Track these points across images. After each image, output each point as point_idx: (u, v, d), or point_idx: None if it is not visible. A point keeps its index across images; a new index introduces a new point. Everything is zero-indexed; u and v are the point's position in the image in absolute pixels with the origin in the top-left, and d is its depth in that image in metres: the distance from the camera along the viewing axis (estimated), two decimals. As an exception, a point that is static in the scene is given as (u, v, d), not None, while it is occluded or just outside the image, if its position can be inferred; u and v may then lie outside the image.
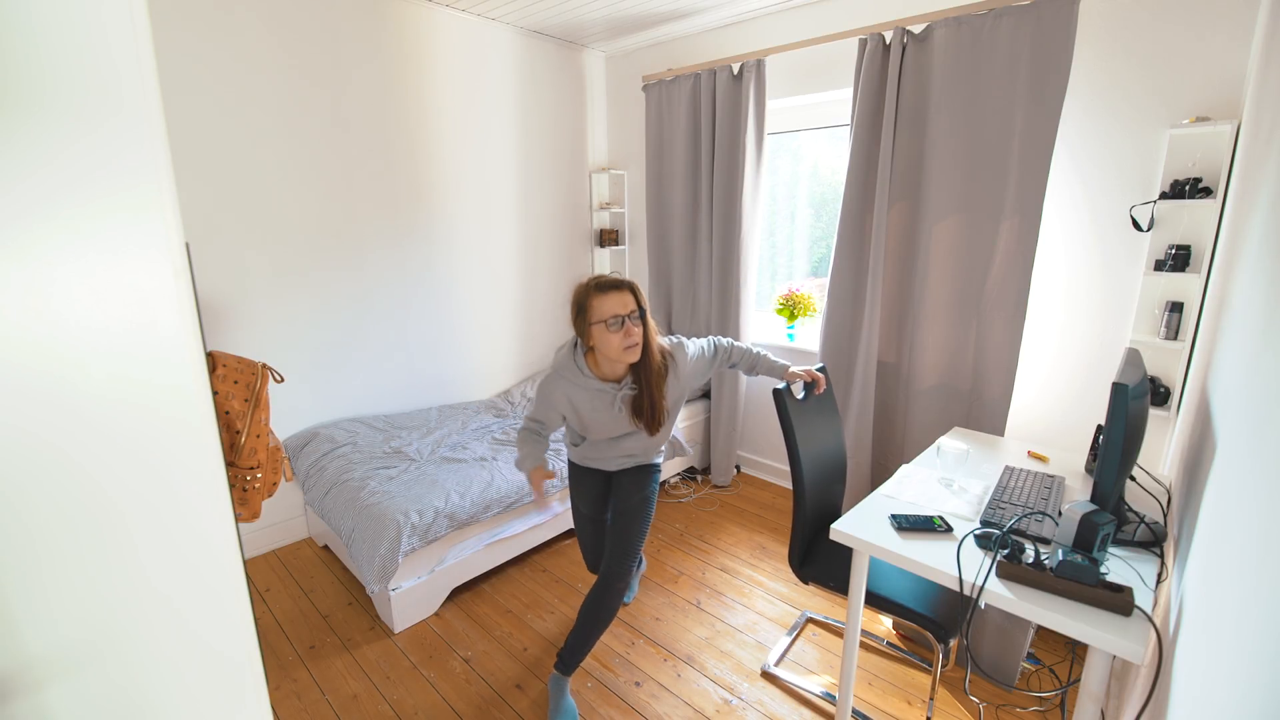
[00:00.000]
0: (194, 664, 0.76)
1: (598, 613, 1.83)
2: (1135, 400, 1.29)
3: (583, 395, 1.70)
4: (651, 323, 1.66)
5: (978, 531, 1.43)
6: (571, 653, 1.84)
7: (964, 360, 2.56)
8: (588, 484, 1.97)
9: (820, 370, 2.05)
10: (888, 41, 2.52)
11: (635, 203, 3.95)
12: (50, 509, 0.62)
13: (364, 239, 2.96)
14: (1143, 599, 1.18)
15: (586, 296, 1.60)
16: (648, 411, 1.69)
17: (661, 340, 1.74)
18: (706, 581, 2.57)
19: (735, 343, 1.92)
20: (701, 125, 3.22)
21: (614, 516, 1.92)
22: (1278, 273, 0.87)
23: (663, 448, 1.97)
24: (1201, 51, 1.99)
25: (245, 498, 1.35)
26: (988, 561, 1.31)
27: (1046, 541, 1.40)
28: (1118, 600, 1.14)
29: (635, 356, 1.61)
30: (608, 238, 4.01)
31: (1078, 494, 1.68)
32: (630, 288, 1.61)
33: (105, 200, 0.62)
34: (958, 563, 1.32)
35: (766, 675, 2.05)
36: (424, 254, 3.21)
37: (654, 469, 1.95)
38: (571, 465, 2.00)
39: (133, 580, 0.69)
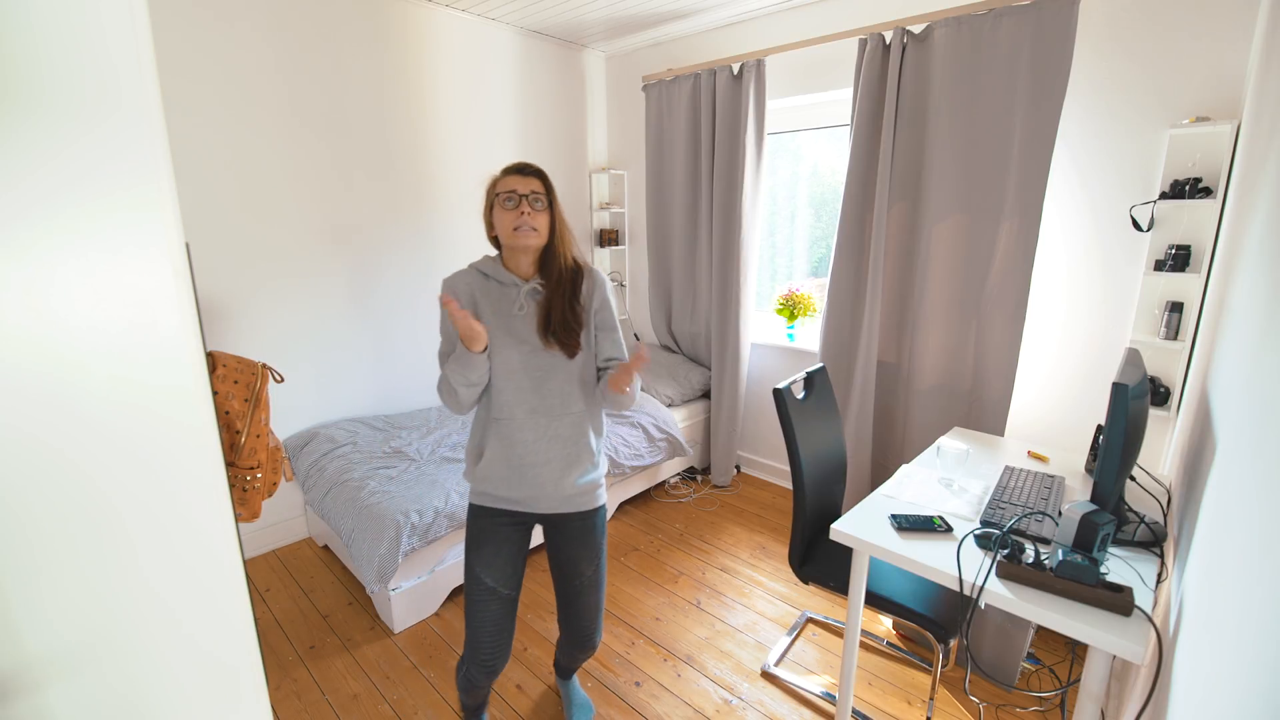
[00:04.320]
0: (193, 664, 0.75)
1: (582, 660, 1.79)
2: (1135, 400, 1.29)
3: (485, 288, 1.46)
4: (566, 224, 1.47)
5: (978, 531, 1.43)
6: (567, 671, 1.91)
7: (964, 360, 2.56)
8: (499, 539, 1.50)
9: (819, 370, 2.06)
10: (888, 41, 2.52)
11: (635, 203, 3.95)
12: (49, 510, 0.62)
13: (364, 238, 2.96)
14: (1143, 599, 1.18)
15: (495, 180, 1.47)
16: (559, 315, 1.42)
17: (588, 264, 1.54)
18: (706, 581, 2.57)
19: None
20: (701, 125, 3.22)
21: (565, 593, 1.60)
22: (1278, 273, 0.87)
23: (600, 461, 1.53)
24: (1201, 51, 1.99)
25: (245, 498, 1.35)
26: (988, 561, 1.31)
27: (1046, 541, 1.40)
28: (1118, 600, 1.14)
29: (527, 239, 1.40)
30: (608, 238, 4.01)
31: (1078, 494, 1.68)
32: (539, 175, 1.44)
33: (105, 200, 0.62)
34: (958, 563, 1.32)
35: (766, 675, 2.05)
36: (424, 253, 3.21)
37: (601, 517, 1.56)
38: (474, 511, 1.52)
39: (133, 582, 0.69)
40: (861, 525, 1.51)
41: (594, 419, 1.52)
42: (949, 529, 1.46)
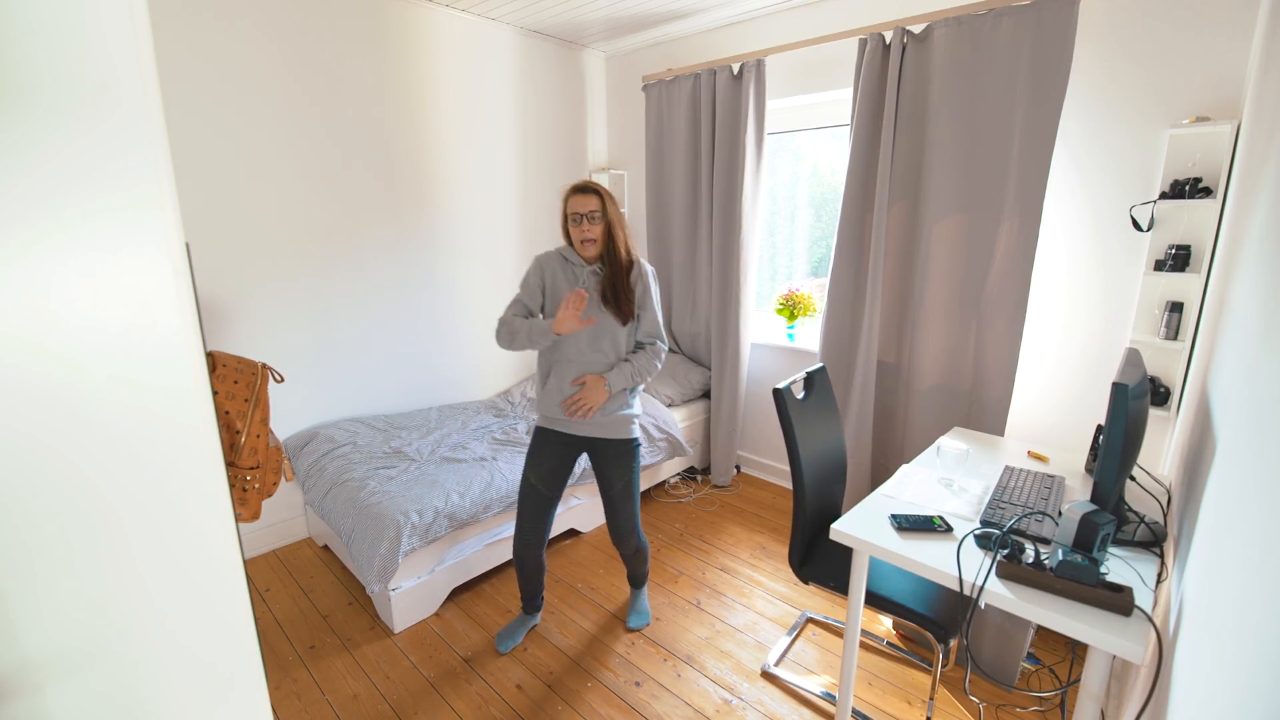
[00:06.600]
0: (193, 664, 0.75)
1: (639, 565, 2.25)
2: (1135, 400, 1.29)
3: (560, 267, 1.93)
4: (623, 229, 1.90)
5: (978, 531, 1.43)
6: (637, 581, 2.33)
7: (964, 360, 2.56)
8: (547, 452, 2.00)
9: (819, 370, 2.05)
10: (888, 41, 2.52)
11: (635, 203, 3.95)
12: (48, 511, 0.62)
13: (364, 238, 2.96)
14: (1143, 599, 1.18)
15: (567, 195, 1.89)
16: (613, 291, 1.88)
17: (639, 258, 1.96)
18: (706, 581, 2.57)
19: (658, 350, 1.99)
20: (701, 125, 3.22)
21: (605, 503, 2.08)
22: (1278, 273, 0.87)
23: (632, 403, 1.99)
24: (1201, 51, 1.99)
25: (245, 498, 1.35)
26: (988, 561, 1.31)
27: (1046, 541, 1.40)
28: (1118, 600, 1.14)
29: (588, 251, 1.87)
30: (608, 238, 4.00)
31: (1078, 494, 1.68)
32: (596, 191, 1.85)
33: (105, 200, 0.62)
34: (958, 563, 1.32)
35: (766, 675, 2.05)
36: (424, 253, 3.21)
37: (632, 448, 2.02)
38: (537, 431, 2.04)
39: (132, 582, 0.69)
40: (861, 525, 1.51)
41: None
42: (949, 529, 1.46)
